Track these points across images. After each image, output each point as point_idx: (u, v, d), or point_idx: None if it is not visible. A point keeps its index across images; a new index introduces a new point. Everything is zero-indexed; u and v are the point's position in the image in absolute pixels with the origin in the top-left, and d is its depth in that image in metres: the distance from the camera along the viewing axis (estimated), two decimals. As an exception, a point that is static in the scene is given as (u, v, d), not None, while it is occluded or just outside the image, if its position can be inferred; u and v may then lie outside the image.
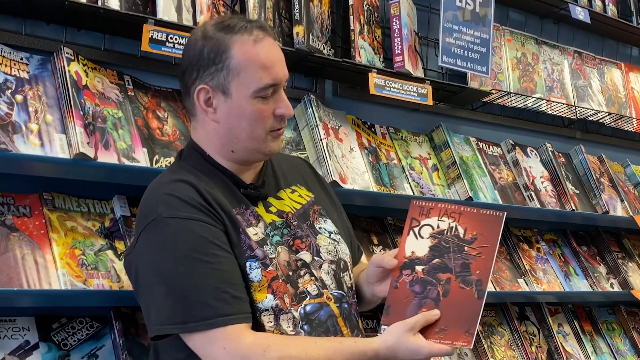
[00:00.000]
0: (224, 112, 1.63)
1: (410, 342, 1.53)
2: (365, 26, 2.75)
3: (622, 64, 3.82)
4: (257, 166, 1.75)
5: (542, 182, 3.22)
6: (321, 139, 2.50)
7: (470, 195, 2.82)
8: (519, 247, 3.19)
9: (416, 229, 1.62)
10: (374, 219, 2.84)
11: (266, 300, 1.57)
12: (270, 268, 1.60)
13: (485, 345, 2.92)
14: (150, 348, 1.74)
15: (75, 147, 1.93)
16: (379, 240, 2.77)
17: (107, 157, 2.01)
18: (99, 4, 2.05)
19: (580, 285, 3.28)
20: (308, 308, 1.60)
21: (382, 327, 1.57)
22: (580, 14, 3.36)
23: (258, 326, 1.56)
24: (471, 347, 1.59)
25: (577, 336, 3.30)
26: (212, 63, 1.61)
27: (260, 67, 1.60)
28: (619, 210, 3.42)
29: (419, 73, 2.85)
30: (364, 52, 2.70)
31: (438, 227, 1.63)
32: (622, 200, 3.46)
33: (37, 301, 1.98)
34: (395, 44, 2.74)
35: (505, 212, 1.63)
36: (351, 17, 2.67)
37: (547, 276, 3.18)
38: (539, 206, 3.09)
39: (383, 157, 2.78)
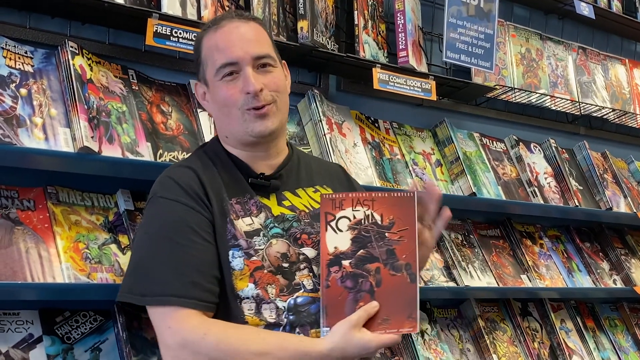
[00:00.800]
0: (211, 102, 1.75)
1: (357, 339, 1.52)
2: (370, 21, 2.75)
3: (627, 60, 3.81)
4: (275, 157, 1.77)
5: (545, 178, 3.22)
6: (324, 134, 2.49)
7: (474, 190, 2.81)
8: (522, 243, 3.19)
9: (333, 223, 1.59)
10: (377, 214, 2.84)
11: (247, 288, 1.59)
12: (254, 258, 1.62)
13: (487, 341, 2.92)
14: (153, 342, 1.75)
15: (79, 141, 1.93)
16: (382, 236, 2.77)
17: (111, 151, 2.02)
18: (104, -3, 2.06)
19: (583, 281, 3.28)
20: (299, 300, 1.61)
21: (324, 329, 1.55)
22: (585, 9, 3.36)
23: (239, 313, 1.59)
24: (417, 331, 1.57)
25: (580, 332, 3.30)
26: (196, 59, 1.77)
27: (216, 50, 1.70)
28: (622, 206, 3.42)
29: (423, 68, 2.84)
30: (368, 47, 2.70)
31: (354, 217, 1.60)
32: (625, 197, 3.46)
33: (41, 295, 1.98)
34: (400, 39, 2.74)
35: (416, 191, 1.61)
36: (355, 12, 2.67)
37: (550, 272, 3.18)
38: (542, 202, 3.09)
39: (386, 152, 2.78)
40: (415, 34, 2.81)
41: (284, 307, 1.61)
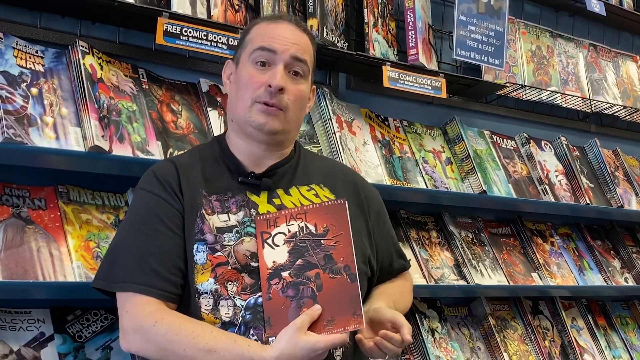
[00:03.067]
0: (233, 82, 1.77)
1: (303, 342, 1.51)
2: (379, 19, 2.74)
3: (638, 57, 3.78)
4: (274, 155, 1.76)
5: (556, 176, 3.21)
6: (334, 132, 2.49)
7: (484, 188, 2.81)
8: (532, 241, 3.18)
9: (269, 240, 1.62)
10: (388, 213, 2.83)
11: (206, 283, 1.60)
12: (219, 254, 1.62)
13: (498, 340, 2.91)
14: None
15: (90, 140, 1.94)
16: (392, 234, 2.77)
17: (121, 150, 2.02)
18: (114, -3, 2.06)
19: (594, 279, 3.27)
20: (260, 300, 1.60)
21: (269, 339, 1.55)
22: (595, 6, 3.34)
23: (196, 309, 1.59)
24: (364, 326, 1.57)
25: (591, 330, 3.29)
26: (239, 43, 1.79)
27: (262, 36, 1.72)
28: (633, 204, 3.40)
29: (433, 66, 2.84)
30: (378, 45, 2.69)
31: (289, 231, 1.63)
32: (637, 194, 3.44)
33: (52, 293, 1.99)
34: (410, 37, 2.73)
35: (346, 199, 1.64)
36: (365, 10, 2.67)
37: (561, 270, 3.17)
38: (553, 200, 3.08)
39: (396, 151, 2.77)
40: (425, 31, 2.80)
41: (242, 305, 1.60)
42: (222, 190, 1.70)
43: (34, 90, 1.96)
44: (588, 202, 3.17)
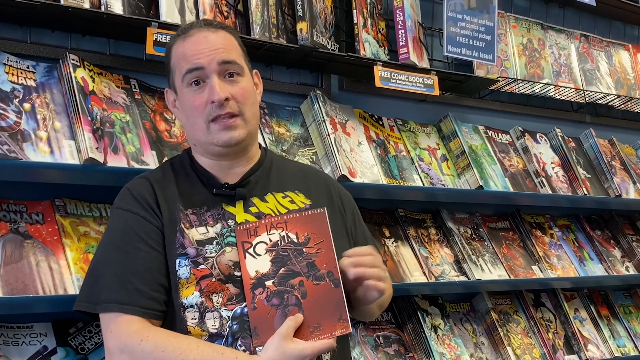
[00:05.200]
0: (180, 109, 1.75)
1: (291, 349, 1.52)
2: (369, 19, 2.75)
3: (630, 46, 3.79)
4: (243, 164, 1.75)
5: (553, 168, 3.21)
6: (329, 134, 2.50)
7: (481, 184, 2.81)
8: (532, 234, 3.18)
9: (250, 250, 1.62)
10: (385, 212, 2.84)
11: (191, 296, 1.59)
12: (202, 266, 1.62)
13: (501, 334, 2.92)
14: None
15: (84, 153, 1.94)
16: (390, 233, 2.77)
17: (116, 162, 2.03)
18: (103, 9, 2.07)
19: (595, 269, 3.28)
20: (246, 309, 1.60)
21: (257, 348, 1.56)
22: (585, -4, 3.35)
23: (182, 323, 1.59)
24: (350, 331, 1.58)
25: (594, 321, 3.29)
26: (166, 68, 1.77)
27: (183, 58, 1.69)
28: (631, 192, 3.40)
29: (425, 64, 2.84)
30: (369, 46, 2.70)
31: (270, 240, 1.64)
32: (634, 183, 3.45)
33: (53, 307, 2.00)
34: (400, 36, 2.74)
35: (326, 208, 1.65)
36: (354, 11, 2.67)
37: (562, 262, 3.17)
38: (550, 192, 3.08)
39: (391, 150, 2.78)
40: (415, 29, 2.81)
41: (229, 316, 1.59)
42: (198, 204, 1.69)
43: (27, 106, 1.97)
44: (586, 192, 3.18)
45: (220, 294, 1.61)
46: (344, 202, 1.86)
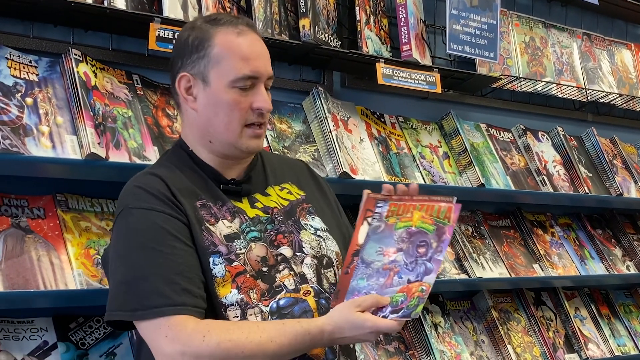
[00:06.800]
0: (203, 101, 1.65)
1: (354, 317, 1.51)
2: (372, 16, 2.74)
3: (632, 45, 3.79)
4: (245, 161, 1.73)
5: (554, 166, 3.21)
6: (330, 131, 2.50)
7: (482, 181, 2.81)
8: (533, 233, 3.18)
9: (370, 219, 1.57)
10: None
11: (230, 295, 1.57)
12: (235, 263, 1.59)
13: (502, 332, 2.92)
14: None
15: (86, 148, 1.94)
16: (392, 230, 2.77)
17: (118, 157, 2.03)
18: (105, 4, 2.06)
19: (596, 268, 3.27)
20: (282, 302, 1.59)
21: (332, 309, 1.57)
22: (588, -5, 3.34)
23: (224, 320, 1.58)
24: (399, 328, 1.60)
25: (595, 320, 3.29)
26: (195, 51, 1.63)
27: (241, 57, 1.62)
28: (633, 191, 3.40)
29: (427, 61, 2.84)
30: (371, 43, 2.70)
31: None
32: (636, 182, 3.45)
33: (54, 302, 2.00)
34: (402, 33, 2.73)
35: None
36: (357, 8, 2.67)
37: (563, 260, 3.17)
38: (552, 190, 3.08)
39: (393, 147, 2.78)
40: (418, 27, 2.81)
41: (267, 311, 1.59)
42: (212, 200, 1.66)
43: (29, 100, 1.96)
44: (587, 191, 3.18)
45: (254, 290, 1.59)
46: (327, 189, 1.88)
